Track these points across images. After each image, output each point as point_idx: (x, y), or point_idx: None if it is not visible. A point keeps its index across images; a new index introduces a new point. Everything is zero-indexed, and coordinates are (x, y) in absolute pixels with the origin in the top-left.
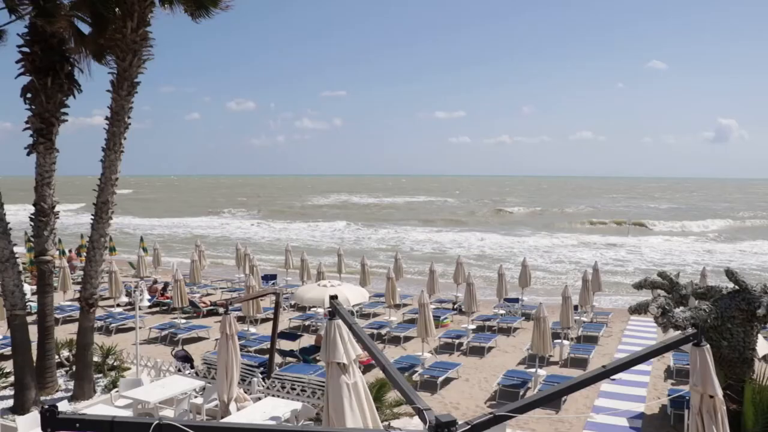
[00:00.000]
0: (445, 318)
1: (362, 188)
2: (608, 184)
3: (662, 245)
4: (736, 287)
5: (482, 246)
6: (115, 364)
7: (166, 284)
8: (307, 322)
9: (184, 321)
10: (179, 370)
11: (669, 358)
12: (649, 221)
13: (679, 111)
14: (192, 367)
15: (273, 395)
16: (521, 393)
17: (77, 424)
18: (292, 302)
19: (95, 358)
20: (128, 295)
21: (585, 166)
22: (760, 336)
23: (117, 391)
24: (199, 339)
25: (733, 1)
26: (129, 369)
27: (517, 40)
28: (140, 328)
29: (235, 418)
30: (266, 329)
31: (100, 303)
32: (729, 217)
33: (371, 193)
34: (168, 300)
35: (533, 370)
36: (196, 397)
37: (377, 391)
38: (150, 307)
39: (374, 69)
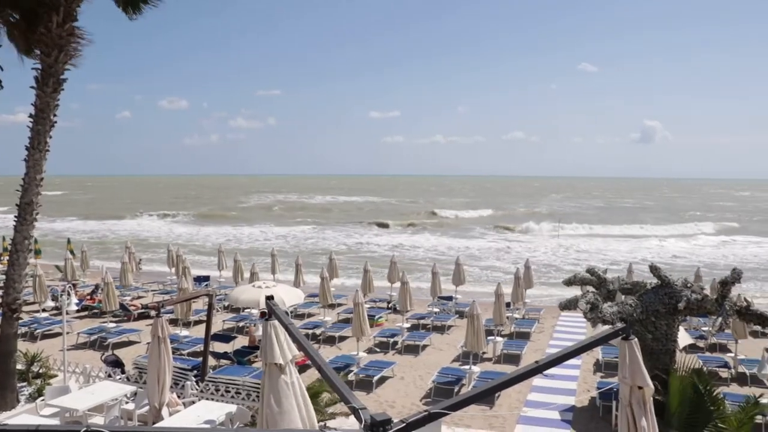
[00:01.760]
0: (380, 317)
1: (297, 188)
2: (547, 184)
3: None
4: (660, 282)
5: (422, 246)
6: (40, 371)
7: (95, 286)
8: (241, 324)
9: (114, 325)
10: (109, 376)
11: (598, 352)
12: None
13: (608, 112)
14: (123, 372)
15: (207, 398)
16: (456, 390)
17: None
18: (226, 304)
19: (19, 366)
20: (54, 299)
21: (518, 165)
22: (680, 328)
23: (43, 400)
24: (130, 343)
25: (658, 9)
26: (56, 376)
27: (452, 39)
28: (68, 333)
29: (167, 423)
30: (199, 331)
31: (24, 308)
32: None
33: (305, 193)
34: (97, 304)
35: (467, 367)
36: (127, 402)
37: (313, 392)
38: (78, 311)
39: (309, 68)
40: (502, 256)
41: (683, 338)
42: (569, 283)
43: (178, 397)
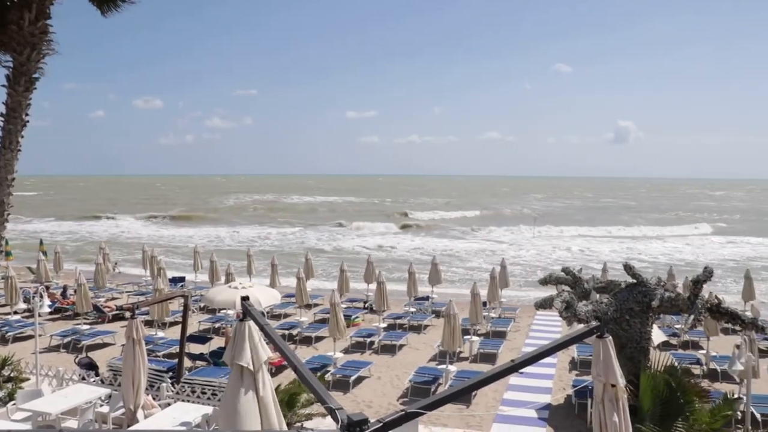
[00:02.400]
0: (357, 317)
1: (274, 188)
2: (525, 184)
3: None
4: (634, 281)
5: (400, 246)
6: (12, 375)
7: (65, 287)
8: (217, 325)
9: (88, 327)
10: (83, 379)
11: (573, 350)
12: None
13: (582, 113)
14: (97, 374)
15: (183, 400)
16: (432, 389)
17: None
18: (202, 305)
19: None
20: (26, 301)
21: (494, 165)
22: (654, 326)
23: (14, 404)
24: (105, 345)
25: (631, 12)
26: (28, 380)
27: (428, 39)
28: (40, 335)
29: (143, 425)
30: (175, 333)
31: None
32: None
33: (282, 193)
34: (70, 305)
35: (444, 366)
36: (101, 405)
37: (290, 393)
38: (51, 313)
39: (286, 68)
40: (488, 257)
41: (657, 336)
42: (545, 282)
43: (154, 399)
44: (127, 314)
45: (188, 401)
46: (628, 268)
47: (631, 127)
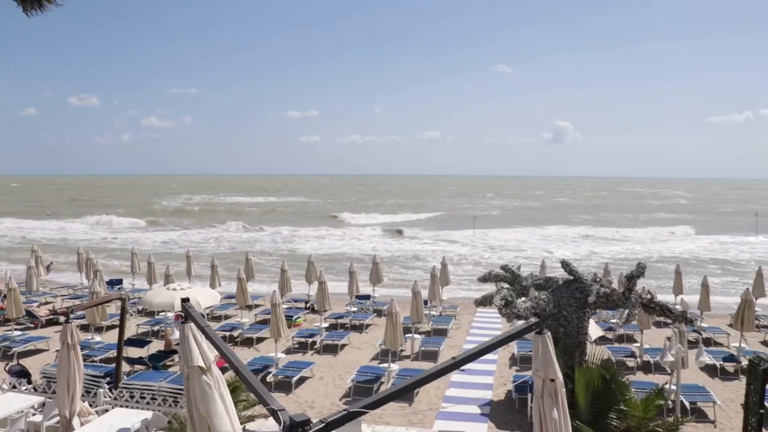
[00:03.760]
0: (298, 317)
1: (214, 187)
2: (469, 183)
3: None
4: (571, 277)
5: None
6: None
7: None
8: (156, 327)
9: (19, 333)
10: (14, 387)
11: (513, 347)
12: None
13: (521, 113)
14: (29, 382)
15: (121, 406)
16: (375, 388)
17: None
18: (140, 307)
19: None
20: None
21: (435, 165)
22: (591, 321)
23: None
24: (38, 351)
25: (566, 15)
26: None
27: (368, 39)
28: None
29: None
30: (112, 337)
31: None
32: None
33: (225, 193)
34: (0, 311)
35: (386, 365)
36: (34, 414)
37: (231, 394)
38: None
39: (226, 67)
40: (426, 257)
41: (594, 331)
42: (484, 279)
43: (90, 405)
44: (62, 318)
45: (127, 406)
46: (565, 265)
47: (568, 126)
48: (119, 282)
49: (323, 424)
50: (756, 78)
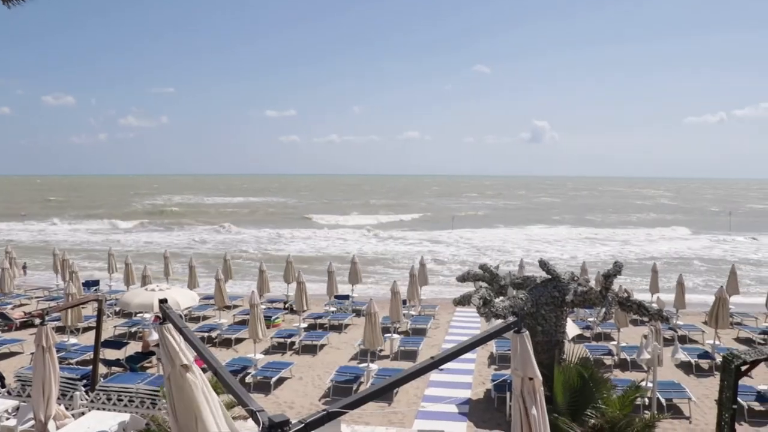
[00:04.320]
0: (277, 318)
1: (193, 188)
2: (449, 183)
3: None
4: (549, 276)
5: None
6: None
7: None
8: (133, 329)
9: None
10: None
11: (492, 346)
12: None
13: (499, 113)
14: (3, 386)
15: (98, 408)
16: (354, 388)
17: None
18: (117, 309)
19: None
20: None
21: (413, 165)
22: (569, 319)
23: None
24: (12, 354)
25: (543, 15)
26: None
27: (346, 39)
28: None
29: None
30: (89, 339)
31: None
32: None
33: (204, 193)
34: None
35: (365, 365)
36: (8, 419)
37: None
38: None
39: (203, 67)
40: (401, 258)
41: (571, 329)
42: (463, 279)
43: (67, 409)
44: (37, 321)
45: (104, 409)
46: (543, 264)
47: (546, 126)
48: (96, 283)
49: (302, 425)
50: (729, 79)
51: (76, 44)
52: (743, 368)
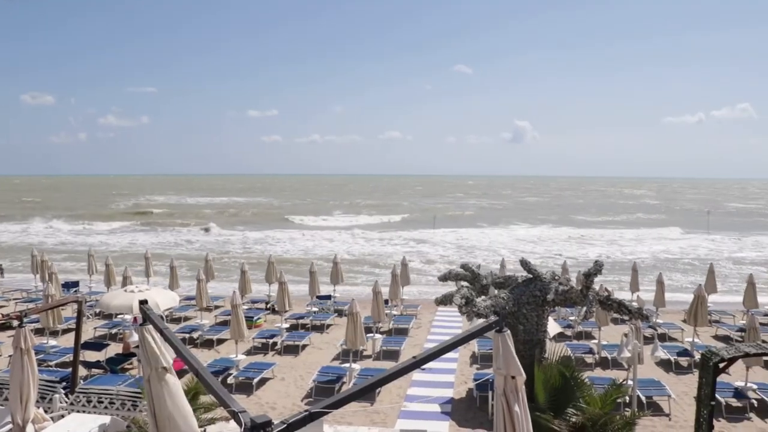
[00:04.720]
0: (259, 318)
1: (175, 188)
2: (434, 182)
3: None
4: (530, 276)
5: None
6: None
7: None
8: (113, 330)
9: None
10: None
11: (474, 345)
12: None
13: (481, 113)
14: None
15: (78, 411)
16: (336, 388)
17: None
18: (97, 310)
19: None
20: None
21: (395, 164)
22: (550, 318)
23: None
24: None
25: (524, 16)
26: None
27: (328, 40)
28: None
29: None
30: (68, 341)
31: None
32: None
33: (188, 193)
34: None
35: (347, 365)
36: None
37: (191, 397)
38: None
39: (185, 68)
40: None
41: (553, 328)
42: (444, 278)
43: (46, 411)
44: (15, 323)
45: (84, 412)
46: (524, 264)
47: (527, 126)
48: (75, 284)
49: (285, 425)
50: (708, 80)
51: (54, 42)
52: (721, 365)
